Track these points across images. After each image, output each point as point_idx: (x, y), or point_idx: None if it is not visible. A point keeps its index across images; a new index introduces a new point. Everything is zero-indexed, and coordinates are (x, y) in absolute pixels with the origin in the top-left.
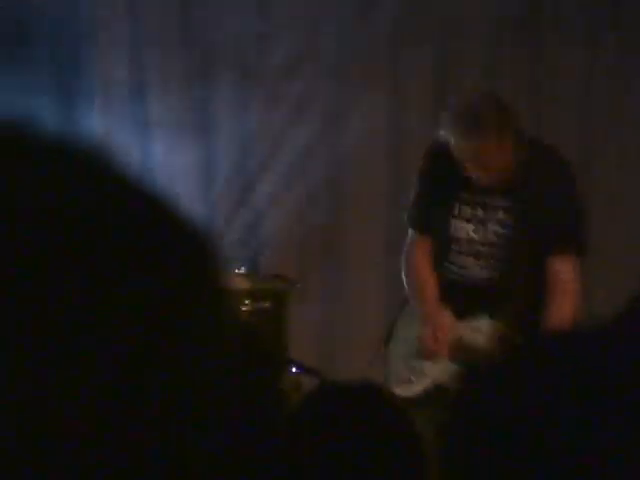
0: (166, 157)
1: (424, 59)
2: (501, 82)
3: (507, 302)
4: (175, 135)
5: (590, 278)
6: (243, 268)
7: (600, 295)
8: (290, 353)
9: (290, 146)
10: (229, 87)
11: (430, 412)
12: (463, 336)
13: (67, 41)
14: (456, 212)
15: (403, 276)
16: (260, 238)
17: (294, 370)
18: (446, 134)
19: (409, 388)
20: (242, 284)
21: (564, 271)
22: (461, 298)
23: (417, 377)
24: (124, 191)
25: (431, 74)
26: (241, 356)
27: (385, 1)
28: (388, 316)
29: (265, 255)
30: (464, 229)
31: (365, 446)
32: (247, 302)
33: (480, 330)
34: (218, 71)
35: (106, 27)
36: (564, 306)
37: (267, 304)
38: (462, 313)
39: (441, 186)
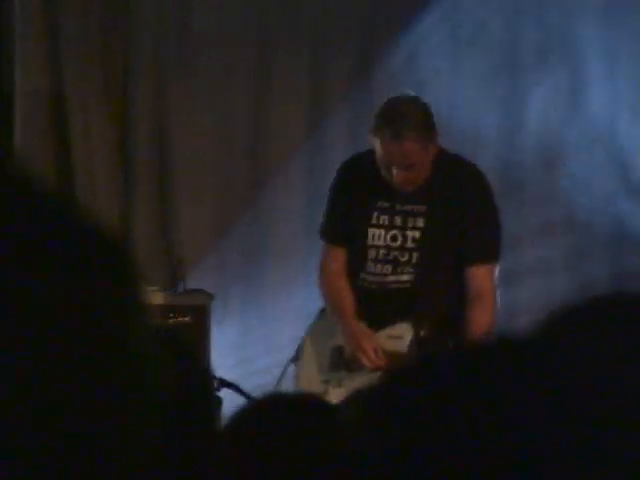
0: (85, 166)
1: (298, 60)
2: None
3: (427, 307)
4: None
5: None
6: (160, 283)
7: None
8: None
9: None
10: (148, 97)
11: None
12: (383, 345)
13: None
14: (374, 221)
15: (319, 289)
16: (179, 251)
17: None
18: (373, 138)
19: (337, 375)
20: (160, 299)
21: (484, 280)
22: (380, 307)
23: (333, 389)
24: (33, 201)
25: (306, 76)
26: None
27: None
28: None
29: (184, 268)
30: (381, 237)
31: (304, 456)
32: (166, 318)
33: (400, 337)
34: (136, 83)
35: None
36: (484, 315)
37: (187, 319)
38: (382, 322)
39: (358, 197)
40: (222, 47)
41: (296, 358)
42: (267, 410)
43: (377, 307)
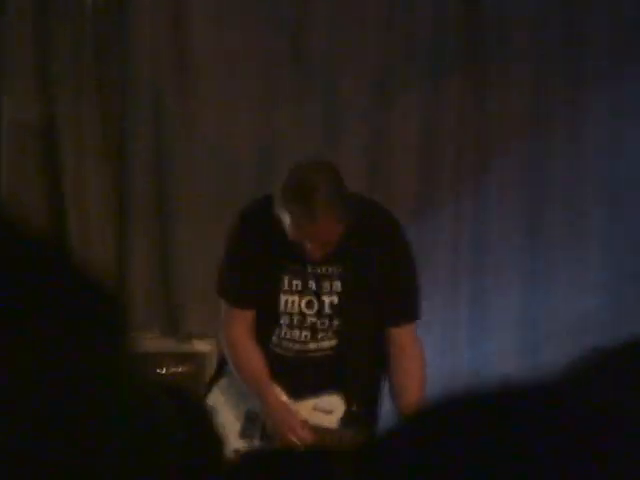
0: (77, 203)
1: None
2: None
3: (355, 378)
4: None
5: None
6: (158, 328)
7: None
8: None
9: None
10: (146, 129)
11: None
12: (310, 418)
13: None
14: (285, 286)
15: (224, 351)
16: (179, 293)
17: None
18: (281, 210)
19: (251, 444)
20: (157, 346)
21: (408, 337)
22: (299, 375)
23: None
24: (16, 248)
25: None
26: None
27: None
28: None
29: (183, 312)
30: (295, 303)
31: None
32: (164, 366)
33: (330, 411)
34: (133, 114)
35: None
36: (416, 375)
37: (186, 368)
38: (302, 391)
39: (264, 256)
40: (223, 73)
41: (216, 378)
42: (263, 467)
43: (296, 375)
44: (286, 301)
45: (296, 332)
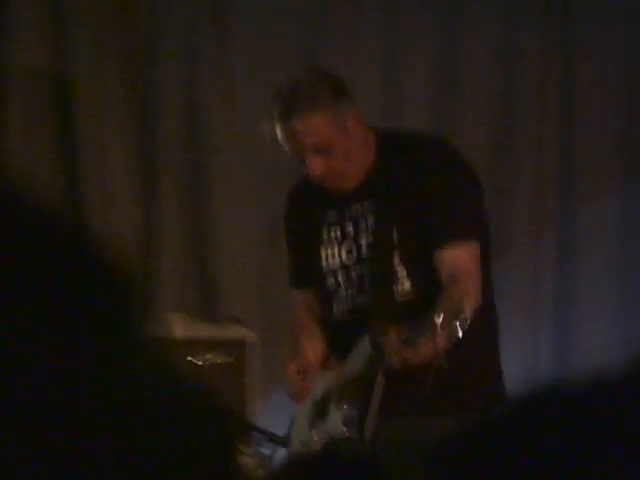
0: (96, 167)
1: None
2: None
3: (389, 314)
4: None
5: None
6: (192, 311)
7: None
8: (253, 419)
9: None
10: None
11: None
12: (346, 373)
13: None
14: (325, 237)
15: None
16: (214, 272)
17: (258, 440)
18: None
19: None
20: (190, 331)
21: (457, 261)
22: (353, 332)
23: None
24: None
25: None
26: (186, 422)
27: None
28: None
29: (222, 293)
30: (335, 255)
31: None
32: (198, 354)
33: (360, 356)
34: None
35: None
36: (460, 287)
37: (224, 356)
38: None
39: (308, 220)
40: (262, 31)
41: (285, 442)
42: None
43: (347, 338)
44: (327, 255)
45: (341, 291)
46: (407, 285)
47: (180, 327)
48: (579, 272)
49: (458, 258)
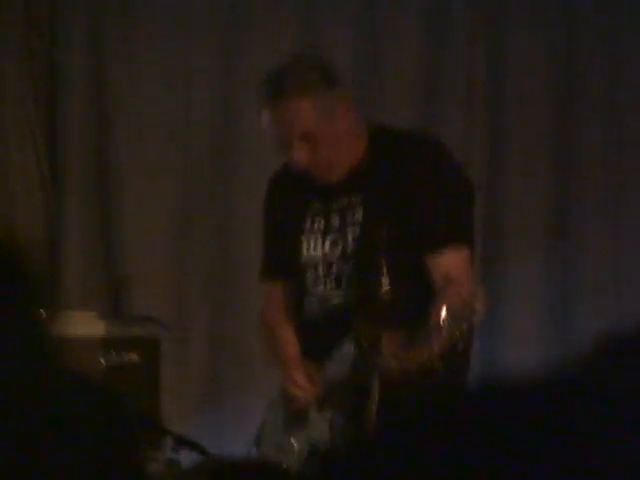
0: None
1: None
2: None
3: (373, 314)
4: None
5: None
6: (98, 308)
7: None
8: (164, 421)
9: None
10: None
11: None
12: (329, 378)
13: None
14: (307, 226)
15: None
16: (122, 267)
17: (170, 444)
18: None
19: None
20: (97, 330)
21: (449, 266)
22: (329, 332)
23: (287, 457)
24: None
25: None
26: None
27: None
28: None
29: (130, 291)
30: (318, 245)
31: None
32: (105, 354)
33: (343, 359)
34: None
35: None
36: (457, 292)
37: (133, 356)
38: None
39: (289, 208)
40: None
41: (257, 442)
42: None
43: (326, 333)
44: (308, 244)
45: (320, 286)
46: (385, 283)
47: (90, 326)
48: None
49: (451, 263)
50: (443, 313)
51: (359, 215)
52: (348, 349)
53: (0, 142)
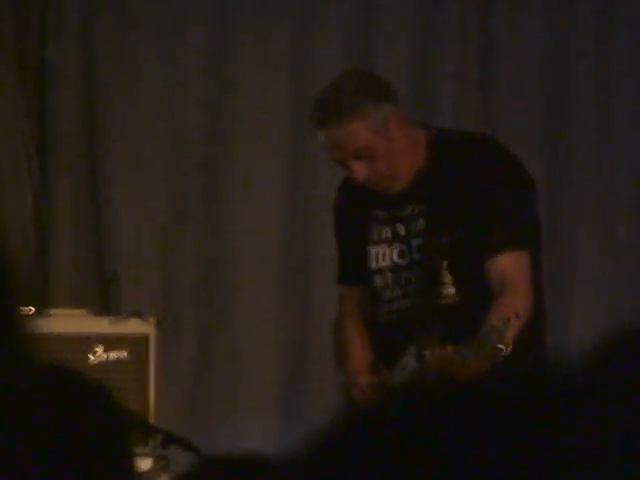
0: None
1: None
2: None
3: (437, 323)
4: None
5: None
6: (88, 306)
7: None
8: (154, 419)
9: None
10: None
11: None
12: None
13: None
14: (375, 236)
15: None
16: (112, 264)
17: (160, 443)
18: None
19: None
20: (86, 327)
21: (507, 269)
22: (395, 340)
23: None
24: None
25: None
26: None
27: None
28: (283, 365)
29: (119, 288)
30: (386, 255)
31: None
32: (97, 350)
33: (404, 370)
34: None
35: None
36: (509, 303)
37: (122, 352)
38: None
39: (356, 217)
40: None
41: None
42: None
43: (394, 341)
44: (377, 254)
45: (387, 292)
46: (451, 290)
47: (79, 323)
48: None
49: (508, 269)
50: (487, 335)
51: (421, 224)
52: (408, 359)
53: None
